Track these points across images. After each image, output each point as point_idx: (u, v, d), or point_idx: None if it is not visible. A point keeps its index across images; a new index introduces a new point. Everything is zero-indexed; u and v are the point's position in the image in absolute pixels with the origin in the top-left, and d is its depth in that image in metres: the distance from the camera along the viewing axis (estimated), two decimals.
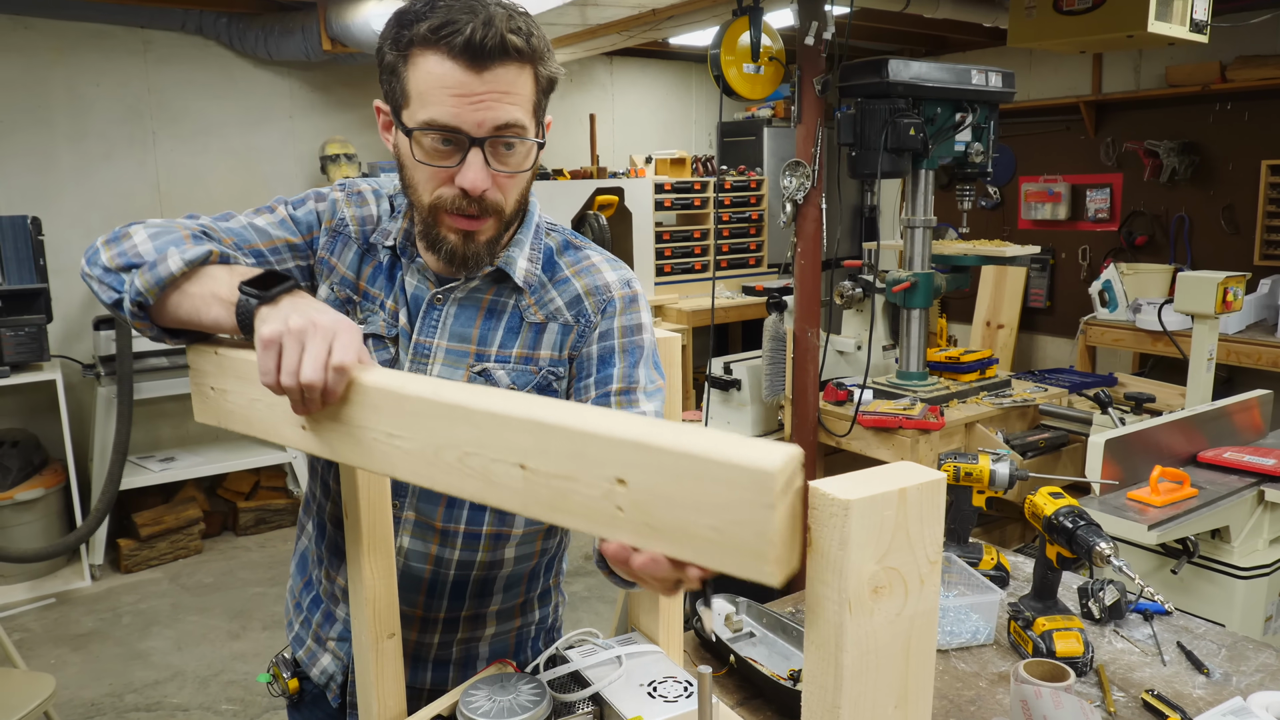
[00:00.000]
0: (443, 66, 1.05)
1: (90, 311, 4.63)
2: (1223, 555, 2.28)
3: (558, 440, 0.70)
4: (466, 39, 1.03)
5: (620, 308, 1.24)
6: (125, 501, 4.45)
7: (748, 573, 0.61)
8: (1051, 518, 1.44)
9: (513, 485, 0.74)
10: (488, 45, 1.04)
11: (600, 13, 3.75)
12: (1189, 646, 1.49)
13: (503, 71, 1.06)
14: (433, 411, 0.79)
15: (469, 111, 1.06)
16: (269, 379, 0.90)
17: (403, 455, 0.82)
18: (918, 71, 2.98)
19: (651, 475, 0.65)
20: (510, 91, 1.07)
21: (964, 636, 1.52)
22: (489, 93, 1.05)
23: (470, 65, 1.05)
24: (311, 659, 1.37)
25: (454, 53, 1.04)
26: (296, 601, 1.41)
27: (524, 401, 0.75)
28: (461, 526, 1.26)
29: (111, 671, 3.47)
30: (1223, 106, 5.10)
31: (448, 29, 1.04)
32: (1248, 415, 2.72)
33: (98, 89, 4.62)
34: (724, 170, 6.10)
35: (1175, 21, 3.18)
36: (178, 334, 1.07)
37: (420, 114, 1.07)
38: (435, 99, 1.06)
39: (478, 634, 1.33)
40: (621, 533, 0.68)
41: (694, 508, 0.63)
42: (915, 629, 0.66)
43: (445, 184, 1.10)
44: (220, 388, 1.05)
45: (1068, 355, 5.85)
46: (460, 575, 1.28)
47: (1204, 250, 5.30)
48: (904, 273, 3.25)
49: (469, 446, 0.76)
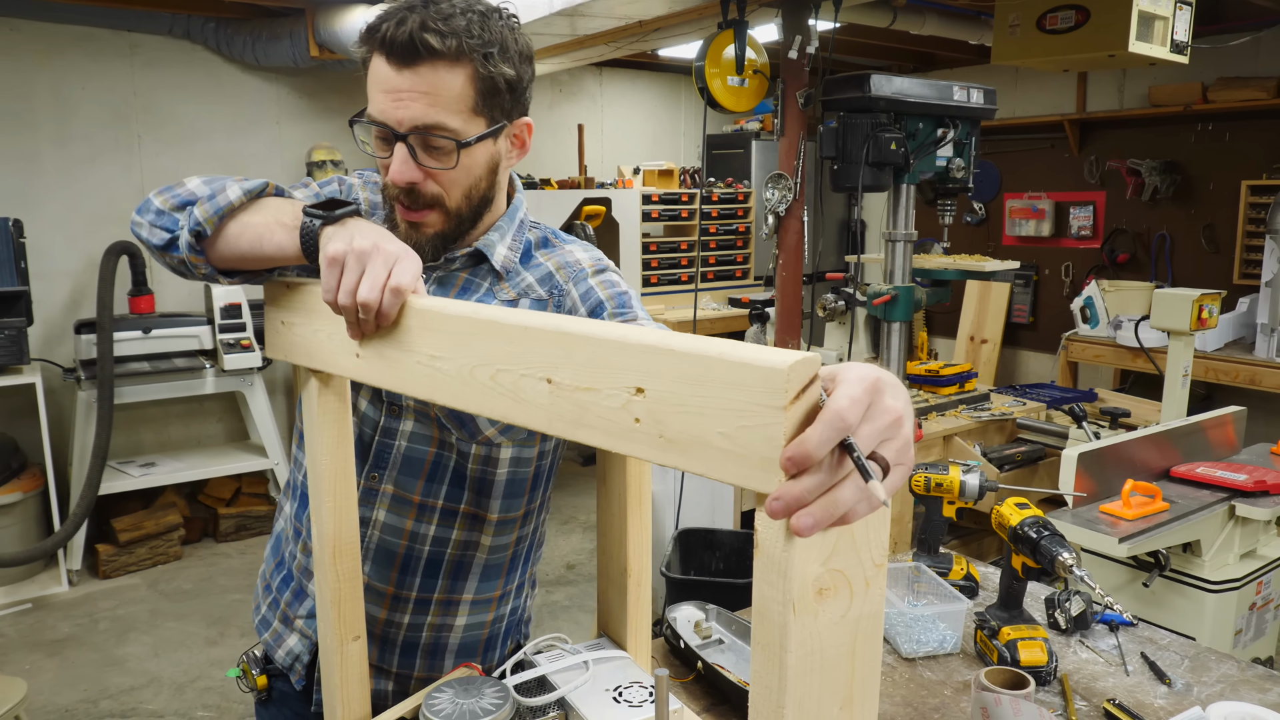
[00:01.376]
0: (379, 64, 1.11)
1: (72, 315, 4.61)
2: (1194, 569, 2.30)
3: (581, 350, 0.72)
4: (386, 38, 1.08)
5: (591, 273, 1.27)
6: (104, 506, 4.42)
7: (758, 483, 0.60)
8: (1016, 528, 1.46)
9: (539, 401, 0.76)
10: (399, 44, 1.07)
11: (588, 23, 3.77)
12: (1153, 657, 1.50)
13: (427, 71, 1.08)
14: (472, 329, 0.83)
15: (392, 108, 1.10)
16: (329, 295, 0.95)
17: (442, 377, 0.86)
18: (900, 87, 3.01)
19: (667, 382, 0.66)
20: (432, 91, 1.09)
21: (931, 645, 1.53)
22: (409, 91, 1.09)
23: (395, 63, 1.09)
24: (277, 641, 1.37)
25: (383, 51, 1.09)
26: (266, 584, 1.42)
27: (552, 317, 0.78)
28: (440, 502, 1.27)
29: (87, 678, 3.45)
30: (1204, 127, 5.16)
31: (378, 29, 1.09)
32: (1222, 431, 2.74)
33: (83, 92, 4.62)
34: (711, 182, 6.13)
35: (1156, 42, 3.23)
36: (233, 274, 1.12)
37: (369, 108, 1.13)
38: (373, 95, 1.12)
39: (449, 621, 1.34)
40: (639, 446, 0.68)
41: (706, 414, 0.63)
42: (861, 631, 0.66)
43: (388, 177, 1.15)
44: (289, 321, 1.09)
45: (1050, 371, 5.89)
46: (435, 552, 1.29)
47: (1185, 268, 5.36)
48: (885, 286, 3.27)
49: (502, 363, 0.79)
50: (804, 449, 0.58)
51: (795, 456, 0.58)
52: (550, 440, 1.32)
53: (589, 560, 4.48)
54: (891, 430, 0.61)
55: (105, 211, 4.71)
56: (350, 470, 1.11)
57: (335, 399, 1.09)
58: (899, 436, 0.62)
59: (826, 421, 0.58)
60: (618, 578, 1.33)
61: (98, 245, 4.48)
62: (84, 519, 4.13)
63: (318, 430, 1.08)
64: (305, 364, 1.07)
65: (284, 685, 1.39)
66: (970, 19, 4.55)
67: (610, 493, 1.30)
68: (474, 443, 1.25)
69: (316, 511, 1.12)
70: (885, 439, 0.61)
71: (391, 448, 1.26)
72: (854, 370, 0.61)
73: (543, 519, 1.41)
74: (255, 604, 1.45)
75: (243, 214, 1.07)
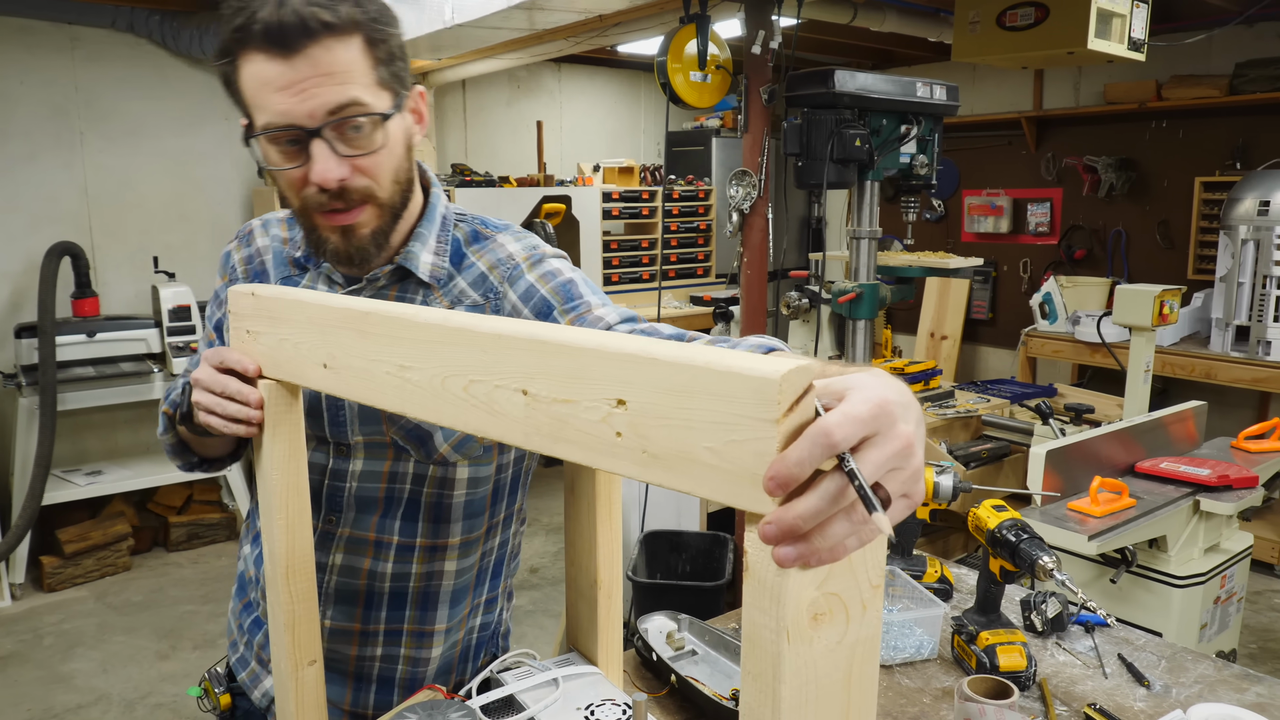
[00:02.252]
0: (256, 66, 0.98)
1: (11, 319, 4.45)
2: (1160, 564, 2.30)
3: (559, 359, 0.68)
4: (264, 26, 0.96)
5: (527, 268, 1.17)
6: (49, 517, 4.26)
7: (748, 502, 0.56)
8: (995, 531, 1.43)
9: (514, 414, 0.72)
10: (287, 26, 0.96)
11: (547, 17, 3.71)
12: (1130, 658, 1.48)
13: (319, 51, 0.97)
14: (443, 337, 0.78)
15: (295, 103, 0.98)
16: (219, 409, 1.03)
17: (412, 388, 0.82)
18: (864, 83, 2.98)
19: (649, 393, 0.61)
20: (334, 71, 0.98)
21: (908, 651, 1.50)
22: (310, 77, 0.98)
23: (279, 53, 0.97)
24: (254, 681, 1.31)
25: (260, 45, 0.97)
26: (239, 623, 1.36)
27: (527, 324, 0.74)
28: (395, 538, 1.21)
29: (31, 696, 3.31)
30: (1158, 124, 5.23)
31: (247, 21, 0.97)
32: (1183, 426, 2.76)
33: (21, 87, 4.45)
34: (672, 180, 6.09)
35: (1114, 39, 3.24)
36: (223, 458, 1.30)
37: (258, 120, 1.01)
38: (262, 100, 0.99)
39: (424, 654, 1.27)
40: (620, 462, 0.64)
41: (692, 428, 0.58)
42: (857, 657, 0.62)
43: (305, 184, 1.04)
44: (255, 330, 1.02)
45: (1009, 366, 5.94)
46: (397, 586, 1.23)
47: (1140, 264, 5.43)
48: (849, 283, 3.25)
49: (474, 373, 0.75)
50: (781, 467, 0.53)
51: (775, 476, 0.53)
52: (509, 452, 1.25)
53: (552, 564, 4.42)
54: (900, 459, 0.55)
55: (46, 211, 4.54)
56: (303, 486, 1.05)
57: (290, 408, 1.03)
58: (908, 466, 0.56)
59: (810, 438, 0.53)
60: (587, 590, 1.28)
61: (39, 246, 4.31)
62: (27, 530, 3.98)
63: (269, 442, 1.02)
64: (271, 375, 1.01)
65: (247, 704, 1.33)
66: (929, 16, 4.56)
67: (579, 502, 1.25)
68: (430, 463, 1.18)
69: (267, 528, 1.05)
70: (893, 468, 0.55)
71: (343, 490, 1.20)
72: (866, 386, 0.55)
73: (512, 532, 1.34)
74: (230, 639, 1.38)
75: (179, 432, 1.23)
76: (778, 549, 0.54)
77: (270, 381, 1.01)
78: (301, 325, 0.94)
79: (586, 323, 1.10)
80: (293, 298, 0.95)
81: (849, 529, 0.55)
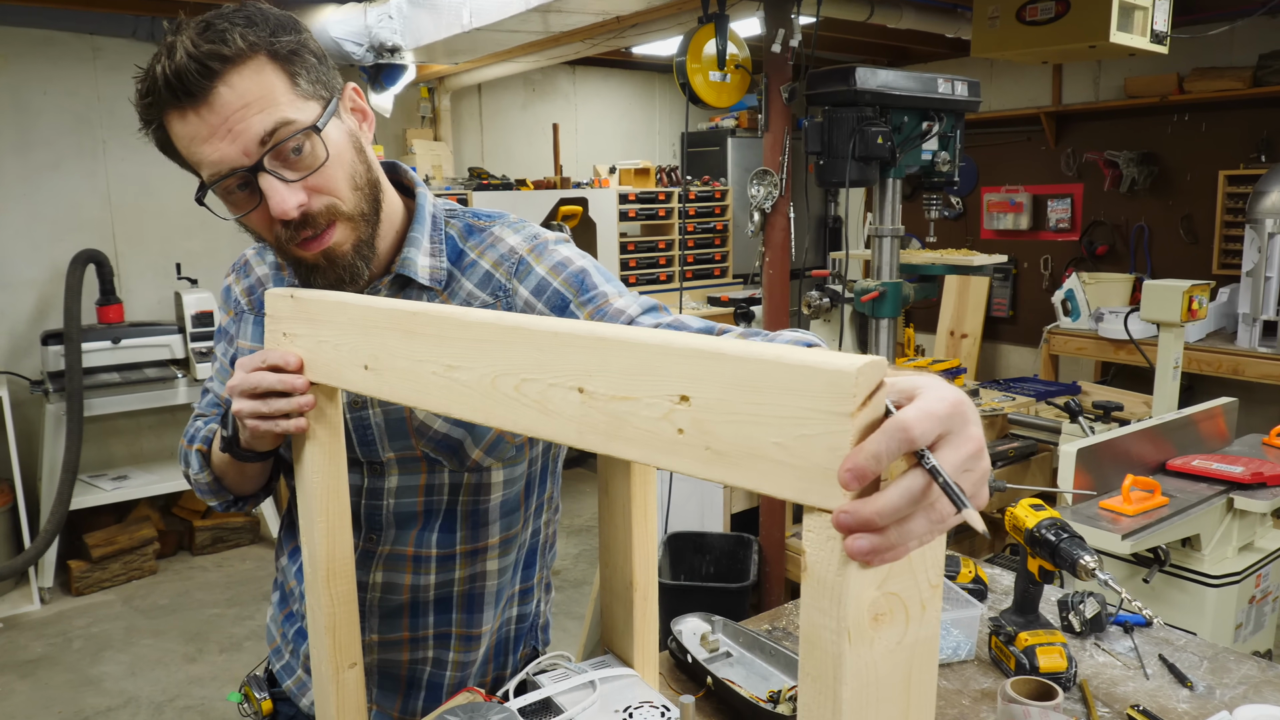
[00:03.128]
0: (177, 121, 0.97)
1: (38, 326, 4.49)
2: (1193, 563, 2.28)
3: (620, 356, 0.67)
4: (165, 83, 0.94)
5: (535, 260, 1.14)
6: (76, 522, 4.30)
7: (818, 497, 0.55)
8: (1033, 530, 1.41)
9: (569, 412, 0.71)
10: (186, 75, 0.93)
11: (564, 19, 3.71)
12: (1171, 659, 1.47)
13: (225, 89, 0.95)
14: (496, 336, 0.77)
15: (224, 146, 0.96)
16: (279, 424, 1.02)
17: (460, 389, 0.81)
18: (885, 80, 2.97)
19: (715, 388, 0.60)
20: (249, 101, 0.95)
21: (945, 653, 1.48)
22: (230, 116, 0.95)
23: (191, 104, 0.95)
24: (301, 689, 1.31)
25: (171, 102, 0.95)
26: (282, 631, 1.35)
27: (585, 323, 0.74)
28: (434, 550, 1.21)
29: (61, 699, 3.34)
30: (1180, 117, 5.18)
31: (150, 84, 0.96)
32: (1213, 423, 2.73)
33: (45, 97, 4.49)
34: (689, 180, 6.09)
35: (1136, 32, 3.21)
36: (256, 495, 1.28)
37: (203, 174, 1.00)
38: (196, 154, 0.98)
39: (471, 656, 1.27)
40: (681, 459, 0.63)
41: (760, 423, 0.58)
42: (917, 658, 0.61)
43: (270, 225, 1.03)
44: (291, 333, 1.02)
45: (1030, 364, 5.90)
46: (441, 594, 1.24)
47: (1164, 260, 5.38)
48: (872, 282, 3.23)
49: (527, 372, 0.74)
50: (859, 459, 0.53)
51: (853, 468, 0.53)
52: (538, 444, 1.24)
53: (573, 565, 4.42)
54: (973, 461, 0.56)
55: (70, 219, 4.58)
56: (343, 489, 1.05)
57: (328, 410, 1.02)
58: (978, 469, 0.57)
59: (888, 432, 0.53)
60: (623, 592, 1.27)
61: (63, 254, 4.35)
62: (55, 535, 4.02)
63: (307, 444, 1.02)
64: (309, 378, 1.01)
65: (290, 709, 1.33)
66: (947, 12, 4.53)
67: (613, 504, 1.24)
68: (464, 471, 1.18)
69: (307, 533, 1.05)
70: (966, 469, 0.56)
71: (380, 508, 1.19)
72: (937, 386, 0.56)
73: (544, 520, 1.33)
74: (274, 646, 1.38)
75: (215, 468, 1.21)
76: (852, 541, 0.54)
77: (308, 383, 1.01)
78: (343, 327, 0.94)
79: (606, 315, 1.08)
80: (335, 300, 0.95)
81: (926, 526, 0.55)
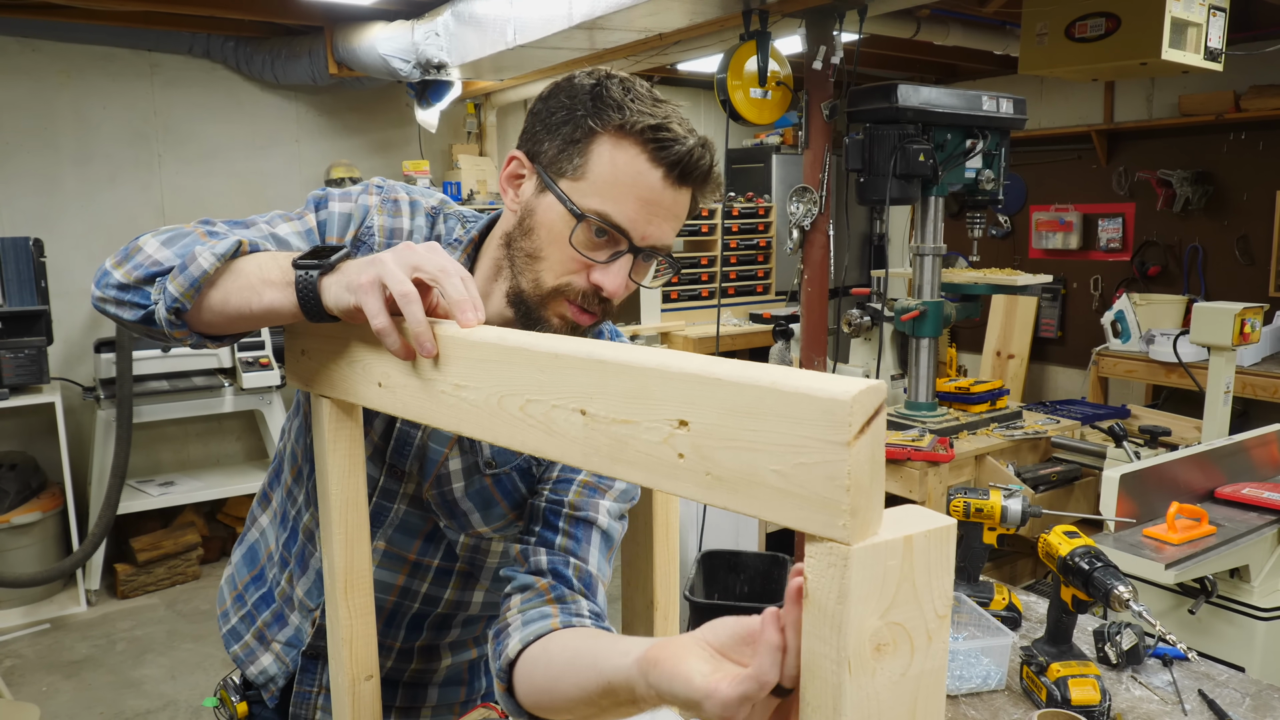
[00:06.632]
0: (641, 167, 1.00)
1: (92, 334, 4.61)
2: (1242, 595, 2.20)
3: (618, 379, 0.67)
4: (681, 157, 1.00)
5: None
6: (123, 526, 4.40)
7: (817, 526, 0.55)
8: (1067, 558, 1.38)
9: (572, 434, 0.71)
10: (695, 170, 1.02)
11: (608, 36, 3.73)
12: (1211, 695, 1.41)
13: (684, 196, 1.04)
14: (500, 356, 0.78)
15: (644, 222, 1.02)
16: (381, 319, 0.83)
17: (469, 408, 0.82)
18: (927, 97, 2.94)
19: (712, 414, 0.60)
20: (680, 216, 1.06)
21: (974, 681, 1.45)
22: (669, 211, 1.04)
23: (671, 181, 1.02)
24: (249, 655, 1.32)
25: (661, 161, 1.00)
26: (239, 594, 1.36)
27: (585, 343, 0.74)
28: (436, 561, 1.22)
29: (103, 700, 3.40)
30: (1236, 136, 5.05)
31: (667, 137, 1.00)
32: (1266, 450, 2.65)
33: (104, 111, 4.63)
34: (731, 197, 6.07)
35: (1189, 49, 3.14)
36: (221, 338, 1.01)
37: (593, 201, 1.01)
38: (618, 195, 1.01)
39: (432, 666, 1.31)
40: (682, 484, 0.63)
41: (758, 449, 0.57)
42: (922, 690, 0.60)
43: (579, 273, 1.04)
44: (309, 349, 1.03)
45: (1079, 386, 5.77)
46: (423, 610, 1.25)
47: (1218, 281, 5.24)
48: (913, 301, 3.20)
49: (531, 392, 0.74)
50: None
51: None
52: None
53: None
54: None
55: (126, 230, 4.70)
56: (361, 501, 1.05)
57: (349, 423, 1.03)
58: None
59: None
60: (644, 611, 1.27)
61: None
62: (103, 538, 4.11)
63: (329, 456, 1.03)
64: (325, 393, 1.02)
65: (264, 712, 1.34)
66: (995, 29, 4.48)
67: (636, 523, 1.24)
68: (462, 534, 1.20)
69: (326, 543, 1.06)
70: None
71: (390, 509, 1.21)
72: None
73: None
74: (222, 609, 1.37)
75: (222, 279, 0.95)
76: None
77: (328, 399, 1.02)
78: (355, 344, 0.95)
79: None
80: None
81: None
